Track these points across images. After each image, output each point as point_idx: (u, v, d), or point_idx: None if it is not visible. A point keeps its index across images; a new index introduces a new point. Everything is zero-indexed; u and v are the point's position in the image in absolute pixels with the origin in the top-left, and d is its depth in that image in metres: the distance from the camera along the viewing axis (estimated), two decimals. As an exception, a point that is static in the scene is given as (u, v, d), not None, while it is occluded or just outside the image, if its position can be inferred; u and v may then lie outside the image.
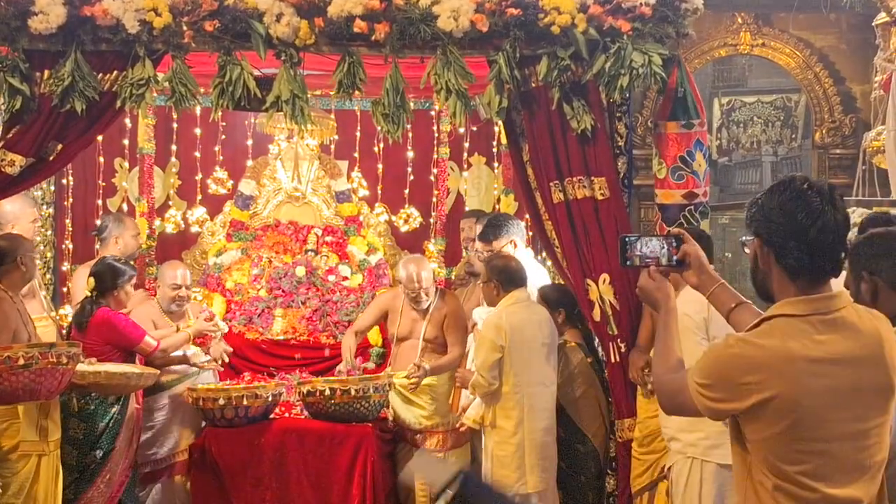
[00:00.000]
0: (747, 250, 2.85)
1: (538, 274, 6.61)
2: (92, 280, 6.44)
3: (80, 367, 5.91)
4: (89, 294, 6.45)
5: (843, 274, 5.23)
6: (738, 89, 18.62)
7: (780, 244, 2.68)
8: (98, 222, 7.76)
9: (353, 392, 6.44)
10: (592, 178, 6.01)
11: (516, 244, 6.57)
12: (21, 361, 5.41)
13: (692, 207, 6.08)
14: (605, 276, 5.85)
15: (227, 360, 7.01)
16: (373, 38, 5.85)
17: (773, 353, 2.61)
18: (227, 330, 7.16)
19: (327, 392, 6.46)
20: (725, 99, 18.53)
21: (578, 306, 6.16)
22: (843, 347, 2.64)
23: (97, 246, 7.70)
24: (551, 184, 6.07)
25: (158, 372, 6.41)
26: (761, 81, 17.72)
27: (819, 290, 2.68)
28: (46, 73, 6.00)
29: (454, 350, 6.71)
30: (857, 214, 7.13)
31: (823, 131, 13.09)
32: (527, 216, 6.86)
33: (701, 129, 6.15)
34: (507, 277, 6.05)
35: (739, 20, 13.03)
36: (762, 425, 2.63)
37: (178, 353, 6.68)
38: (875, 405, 2.68)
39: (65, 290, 8.12)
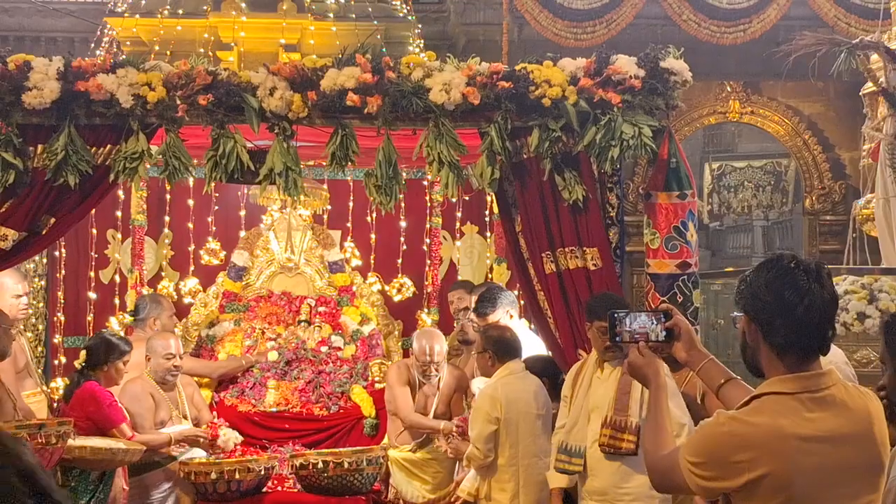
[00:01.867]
0: (737, 325, 2.86)
1: (534, 344, 6.60)
2: (83, 353, 6.40)
3: (84, 444, 5.89)
4: (79, 367, 6.41)
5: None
6: (728, 154, 18.79)
7: (768, 322, 2.69)
8: (94, 296, 7.75)
9: (346, 465, 6.39)
10: (584, 248, 6.04)
11: (511, 315, 6.58)
12: None
13: (685, 277, 6.10)
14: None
15: (232, 447, 6.98)
16: (365, 110, 5.89)
17: (764, 431, 2.61)
18: (232, 446, 7.07)
19: (320, 465, 6.41)
20: (716, 164, 18.68)
21: (563, 378, 6.14)
22: (833, 425, 2.64)
23: (90, 318, 7.67)
24: (543, 254, 6.09)
25: (144, 448, 6.34)
26: (751, 146, 17.89)
27: (808, 368, 2.69)
28: (40, 147, 6.02)
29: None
30: (847, 282, 7.17)
31: (813, 197, 13.18)
32: (518, 286, 6.86)
33: (692, 200, 6.18)
34: (502, 348, 6.04)
35: (728, 88, 13.17)
36: (755, 503, 2.62)
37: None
38: (865, 482, 2.68)
39: (56, 362, 8.08)
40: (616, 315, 3.10)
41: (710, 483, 2.69)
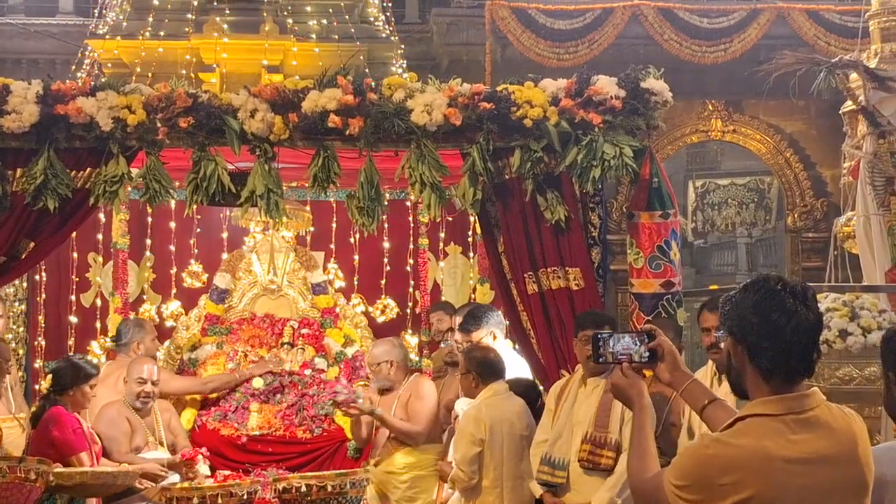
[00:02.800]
0: (722, 346, 2.85)
1: (518, 365, 6.57)
2: (50, 377, 6.31)
3: (65, 469, 5.83)
4: (45, 392, 6.32)
5: None
6: (711, 172, 18.85)
7: (754, 344, 2.68)
8: (75, 320, 7.71)
9: (329, 488, 6.36)
10: (567, 268, 6.04)
11: (496, 335, 6.54)
12: None
13: (669, 296, 6.10)
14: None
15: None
16: (347, 132, 5.89)
17: (749, 453, 2.59)
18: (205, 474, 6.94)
19: (303, 488, 6.37)
20: (699, 182, 18.73)
21: (542, 400, 6.13)
22: (818, 446, 2.63)
23: (71, 343, 7.62)
24: (525, 275, 6.10)
25: (138, 473, 6.30)
26: (734, 164, 17.94)
27: (793, 389, 2.68)
28: (19, 171, 6.00)
29: (416, 425, 6.63)
30: (829, 300, 7.17)
31: (795, 215, 13.24)
32: (493, 306, 6.86)
33: (675, 219, 6.19)
34: (485, 369, 6.01)
35: (710, 107, 13.24)
36: None
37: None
38: (851, 503, 2.67)
39: (37, 387, 8.02)
40: (600, 336, 3.10)
41: None
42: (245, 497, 6.50)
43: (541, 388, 6.32)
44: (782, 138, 13.40)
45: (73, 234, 7.31)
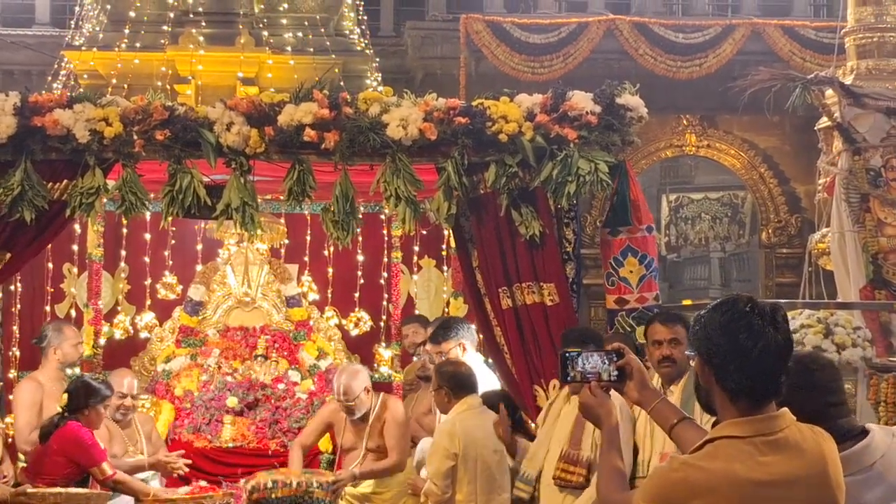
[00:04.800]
0: (692, 363, 2.86)
1: (488, 379, 6.59)
2: (65, 396, 6.34)
3: (41, 490, 5.86)
4: (61, 410, 6.34)
5: None
6: (685, 186, 18.93)
7: (721, 365, 2.67)
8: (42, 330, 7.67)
9: (294, 485, 6.36)
10: (541, 283, 6.07)
11: (465, 348, 6.54)
12: None
13: (623, 313, 6.15)
14: (554, 383, 5.86)
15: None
16: (322, 146, 5.91)
17: (718, 476, 2.60)
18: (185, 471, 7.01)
19: (269, 483, 6.37)
20: (673, 196, 18.80)
21: (520, 412, 6.15)
22: (787, 468, 2.64)
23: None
24: (500, 290, 6.12)
25: (111, 494, 6.29)
26: (708, 179, 18.03)
27: (761, 411, 2.68)
28: (-5, 182, 5.98)
29: (392, 456, 6.65)
30: (803, 316, 7.23)
31: (770, 230, 13.33)
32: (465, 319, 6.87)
33: (633, 236, 6.23)
34: (457, 384, 6.00)
35: (685, 122, 13.33)
36: None
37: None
38: None
39: (11, 398, 7.97)
40: (567, 354, 3.10)
41: None
42: (218, 509, 6.50)
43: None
44: (756, 154, 13.51)
45: (49, 244, 7.29)
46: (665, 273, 19.10)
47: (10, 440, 7.04)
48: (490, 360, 6.99)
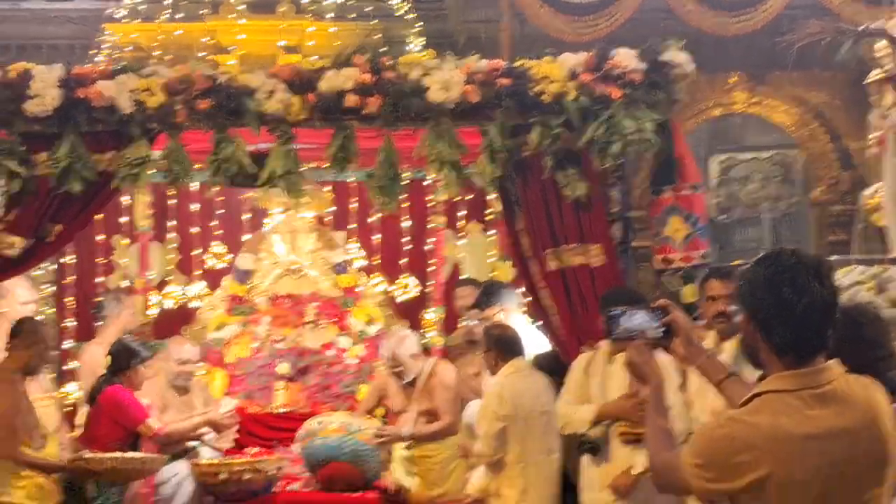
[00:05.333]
0: (738, 321, 2.83)
1: (536, 341, 6.58)
2: (108, 358, 6.48)
3: (97, 455, 5.98)
4: (104, 372, 6.49)
5: None
6: (734, 147, 18.69)
7: (766, 320, 2.64)
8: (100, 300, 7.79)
9: (337, 425, 6.68)
10: (587, 244, 6.02)
11: (509, 312, 6.54)
12: None
13: (669, 272, 6.10)
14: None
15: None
16: (365, 111, 5.89)
17: (765, 431, 2.57)
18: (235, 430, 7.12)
19: (314, 426, 6.77)
20: (723, 157, 18.54)
21: None
22: (835, 422, 2.60)
23: (99, 324, 7.71)
24: (546, 251, 6.08)
25: (166, 458, 6.44)
26: (758, 138, 17.78)
27: (808, 364, 2.65)
28: (43, 155, 6.02)
29: (444, 418, 6.68)
30: (856, 273, 7.13)
31: (821, 188, 13.13)
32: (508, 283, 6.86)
33: (678, 194, 6.16)
34: (504, 346, 6.03)
35: (734, 80, 13.11)
36: None
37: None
38: (871, 477, 2.64)
39: (64, 368, 8.10)
40: (612, 312, 3.08)
41: (712, 485, 2.65)
42: (271, 473, 6.60)
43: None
44: (807, 110, 13.25)
45: (99, 216, 7.37)
46: (715, 234, 18.90)
47: (64, 409, 7.17)
48: (538, 323, 6.99)
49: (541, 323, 6.53)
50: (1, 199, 6.34)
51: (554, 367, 6.20)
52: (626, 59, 5.96)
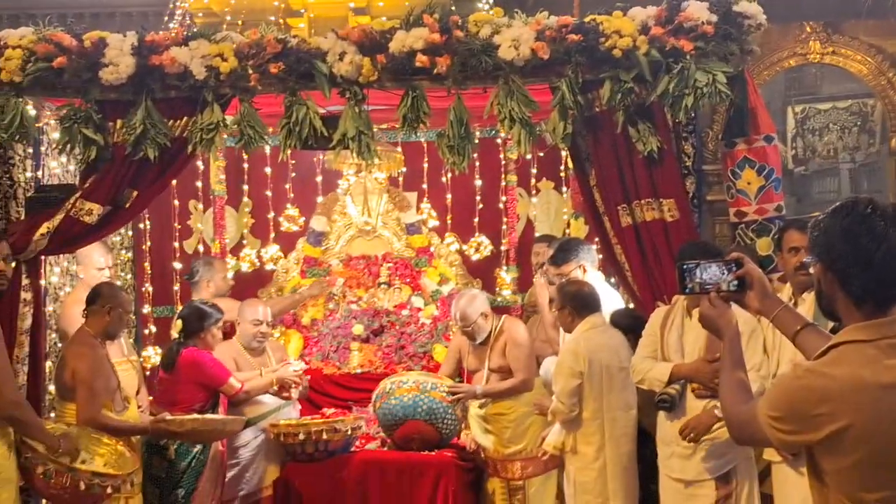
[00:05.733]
0: (811, 270, 2.79)
1: (611, 298, 6.56)
2: (179, 322, 6.58)
3: (179, 417, 6.09)
4: (176, 336, 6.58)
5: None
6: (811, 97, 18.35)
7: (843, 270, 2.61)
8: (179, 266, 7.92)
9: (411, 383, 6.70)
10: (661, 199, 5.98)
11: (585, 269, 6.52)
12: None
13: (743, 225, 6.04)
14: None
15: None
16: (435, 71, 5.88)
17: (843, 381, 2.54)
18: (306, 386, 7.19)
19: (388, 387, 6.79)
20: (799, 107, 18.23)
21: None
22: (915, 371, 2.57)
23: (176, 288, 7.83)
24: (619, 207, 6.06)
25: (245, 419, 6.52)
26: (835, 88, 17.44)
27: (887, 314, 2.61)
28: (118, 122, 6.13)
29: (517, 376, 6.70)
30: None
31: (899, 138, 12.87)
32: (596, 240, 6.82)
33: (751, 146, 6.09)
34: (580, 303, 6.01)
35: (808, 29, 12.88)
36: (838, 456, 2.56)
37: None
38: None
39: (146, 332, 8.26)
40: (685, 266, 3.06)
41: (790, 437, 2.64)
42: (349, 433, 6.67)
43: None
44: (884, 59, 12.96)
45: (174, 181, 7.47)
46: (793, 187, 18.62)
47: (146, 374, 7.31)
48: (612, 279, 6.97)
49: (615, 279, 6.51)
50: (78, 166, 6.48)
51: (631, 324, 6.19)
52: (697, 11, 5.88)
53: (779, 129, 10.19)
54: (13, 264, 5.99)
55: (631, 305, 6.47)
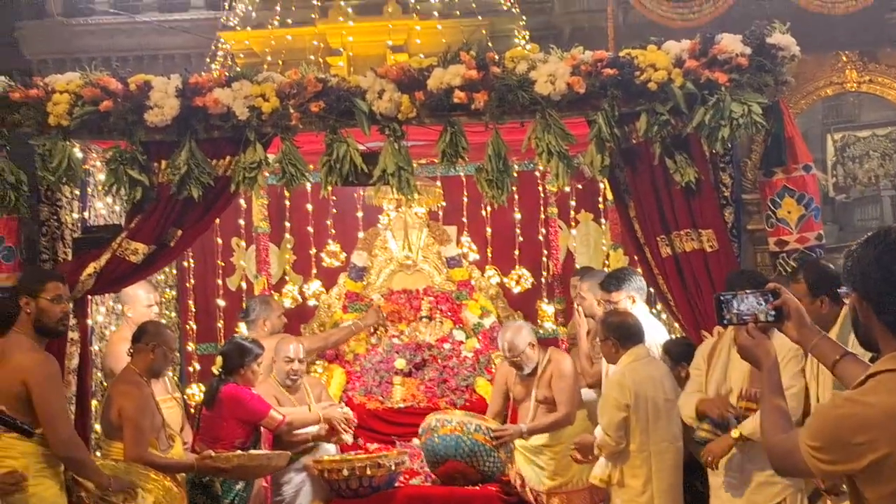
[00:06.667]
0: (847, 302, 2.80)
1: (655, 329, 6.57)
2: (220, 359, 6.62)
3: (224, 453, 6.14)
4: (216, 373, 6.63)
5: None
6: (850, 125, 18.25)
7: (878, 299, 2.62)
8: (223, 303, 7.98)
9: (454, 423, 6.69)
10: (700, 230, 6.00)
11: (635, 300, 6.52)
12: None
13: (784, 255, 6.05)
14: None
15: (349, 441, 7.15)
16: (472, 107, 5.95)
17: (882, 410, 2.54)
18: (350, 438, 7.16)
19: (433, 423, 6.77)
20: (838, 135, 18.13)
21: None
22: (952, 399, 2.57)
23: (220, 325, 7.90)
24: (658, 238, 6.08)
25: (290, 454, 6.54)
26: (874, 115, 17.35)
27: None
28: (163, 163, 6.24)
29: (560, 409, 6.71)
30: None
31: (939, 164, 12.79)
32: (639, 270, 6.84)
33: (790, 176, 6.10)
34: (624, 334, 6.00)
35: (844, 59, 12.86)
36: (879, 485, 2.56)
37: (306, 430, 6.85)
38: None
39: (190, 369, 8.34)
40: (722, 297, 3.08)
41: (831, 467, 2.64)
42: (393, 468, 6.67)
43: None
44: (921, 87, 12.92)
45: (217, 220, 7.57)
46: (834, 214, 18.50)
47: (191, 411, 7.37)
48: (656, 309, 6.97)
49: (659, 309, 6.51)
50: (124, 207, 6.59)
51: (683, 352, 6.17)
52: (731, 44, 5.92)
53: (818, 157, 10.20)
54: (67, 305, 6.08)
55: (682, 334, 6.47)
